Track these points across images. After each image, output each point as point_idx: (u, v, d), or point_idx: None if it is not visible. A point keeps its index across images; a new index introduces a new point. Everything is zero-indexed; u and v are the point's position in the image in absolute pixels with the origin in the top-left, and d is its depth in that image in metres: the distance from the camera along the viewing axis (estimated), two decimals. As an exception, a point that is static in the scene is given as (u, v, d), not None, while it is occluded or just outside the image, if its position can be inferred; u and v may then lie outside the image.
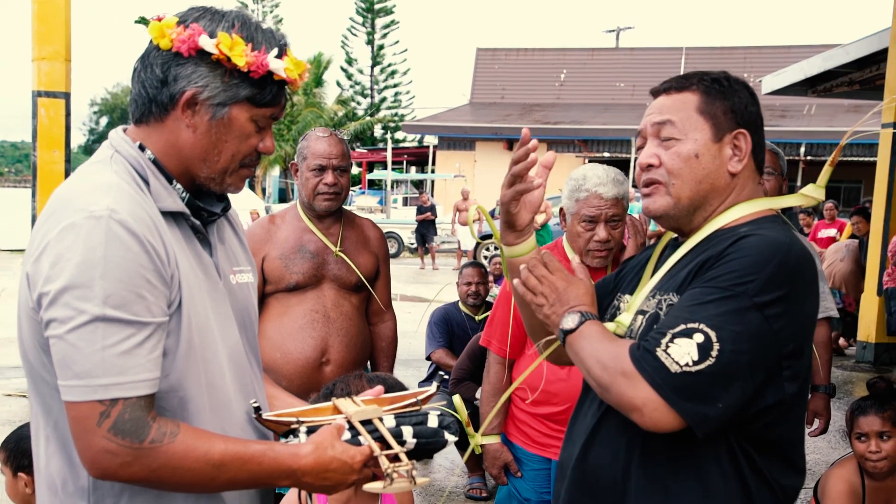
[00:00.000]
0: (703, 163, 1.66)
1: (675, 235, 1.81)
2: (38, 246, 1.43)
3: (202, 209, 1.61)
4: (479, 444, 3.02)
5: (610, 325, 1.72)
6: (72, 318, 1.37)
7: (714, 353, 1.48)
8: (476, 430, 3.06)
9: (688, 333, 1.50)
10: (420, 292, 12.93)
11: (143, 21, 1.54)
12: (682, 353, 1.49)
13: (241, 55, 1.49)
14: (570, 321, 1.65)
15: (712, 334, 1.49)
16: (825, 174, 1.76)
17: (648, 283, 1.74)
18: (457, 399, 2.62)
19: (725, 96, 1.68)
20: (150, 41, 1.54)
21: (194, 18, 1.52)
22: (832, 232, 11.55)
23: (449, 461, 5.38)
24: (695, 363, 1.48)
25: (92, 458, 1.41)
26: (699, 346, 1.49)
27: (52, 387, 1.47)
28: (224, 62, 1.50)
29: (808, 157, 23.76)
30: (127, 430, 1.39)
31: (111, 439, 1.39)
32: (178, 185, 1.57)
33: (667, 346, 1.50)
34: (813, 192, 1.76)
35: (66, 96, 6.02)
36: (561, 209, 2.90)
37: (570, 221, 2.83)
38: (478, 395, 4.76)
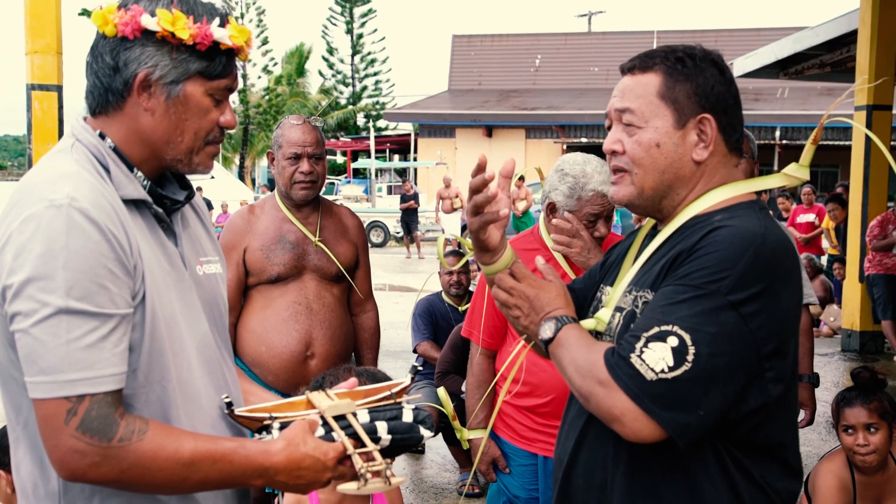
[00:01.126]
0: (664, 152, 1.59)
1: (655, 223, 1.74)
2: (1, 238, 1.40)
3: (165, 197, 1.58)
4: (466, 440, 2.97)
5: (591, 322, 1.67)
6: (36, 310, 1.34)
7: (690, 358, 1.41)
8: (463, 424, 3.01)
9: (661, 337, 1.43)
10: (407, 282, 12.88)
11: (86, 13, 1.54)
12: (656, 358, 1.42)
13: (184, 28, 1.48)
14: (546, 330, 1.61)
15: (687, 337, 1.42)
16: (808, 153, 1.67)
17: (626, 276, 1.68)
18: (441, 392, 2.56)
19: (689, 77, 1.59)
20: (97, 31, 1.53)
21: (133, 0, 1.51)
22: (811, 217, 11.55)
23: (440, 457, 5.33)
24: (670, 369, 1.41)
25: (60, 459, 1.36)
26: (674, 350, 1.42)
27: (21, 385, 1.42)
28: (169, 38, 1.49)
29: (784, 141, 23.84)
30: (95, 428, 1.35)
31: (79, 438, 1.34)
32: (140, 173, 1.55)
33: (641, 352, 1.43)
34: (796, 172, 1.67)
35: (59, 89, 6.06)
36: (551, 203, 2.80)
37: (568, 218, 2.74)
38: (464, 387, 4.70)
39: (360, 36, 43.78)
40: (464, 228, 18.37)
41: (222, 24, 1.52)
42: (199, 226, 1.73)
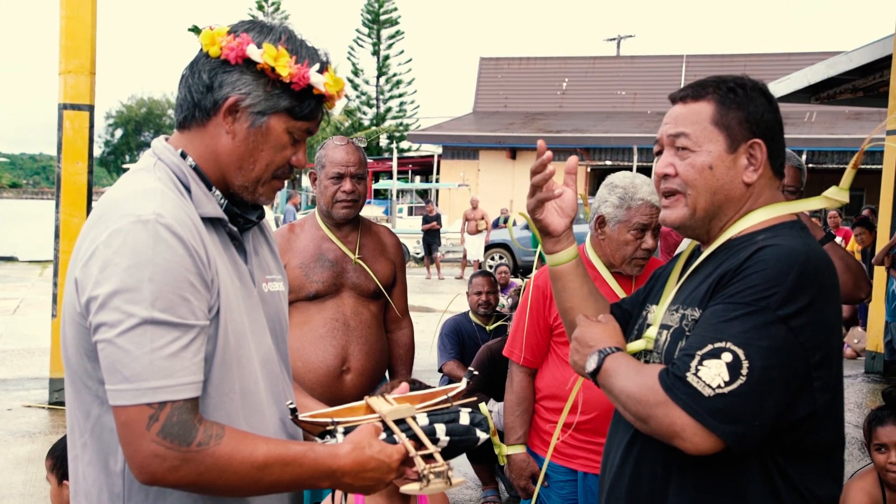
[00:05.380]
0: (717, 174, 1.68)
1: (698, 244, 1.82)
2: (87, 251, 1.45)
3: (239, 216, 1.65)
4: (504, 455, 3.01)
5: (640, 343, 1.75)
6: (121, 321, 1.39)
7: (744, 372, 1.48)
8: (500, 440, 3.02)
9: (716, 354, 1.50)
10: (427, 302, 12.90)
11: (196, 30, 1.61)
12: (712, 374, 1.49)
13: (285, 66, 1.55)
14: (591, 363, 1.69)
15: (740, 352, 1.49)
16: (848, 176, 1.76)
17: (670, 295, 1.76)
18: (483, 406, 2.60)
19: (741, 106, 1.69)
20: (200, 49, 1.59)
21: (244, 29, 1.58)
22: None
23: (462, 473, 5.29)
24: (726, 384, 1.48)
25: (141, 463, 1.41)
26: (728, 365, 1.49)
27: (94, 393, 1.49)
28: (268, 72, 1.55)
29: (811, 165, 23.74)
30: (175, 433, 1.40)
31: (160, 443, 1.40)
32: (217, 192, 1.61)
33: (696, 370, 1.50)
34: (836, 195, 1.75)
35: (90, 109, 6.16)
36: (600, 216, 2.87)
37: (617, 229, 2.82)
38: (490, 406, 4.71)
39: (387, 57, 44.12)
40: (486, 249, 18.47)
41: (321, 71, 1.59)
42: (265, 245, 1.80)
